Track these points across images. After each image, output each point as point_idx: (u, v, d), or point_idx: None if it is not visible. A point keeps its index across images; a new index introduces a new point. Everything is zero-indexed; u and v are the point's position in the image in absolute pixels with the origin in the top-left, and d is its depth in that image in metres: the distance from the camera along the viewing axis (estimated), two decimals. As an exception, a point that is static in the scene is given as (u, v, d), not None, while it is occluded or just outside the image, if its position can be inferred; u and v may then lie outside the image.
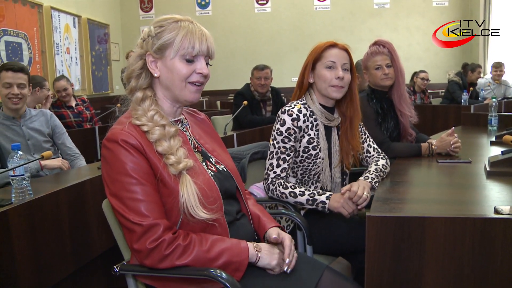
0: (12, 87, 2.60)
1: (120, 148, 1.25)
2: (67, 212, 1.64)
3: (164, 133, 1.32)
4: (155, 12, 8.77)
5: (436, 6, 8.74)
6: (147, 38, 1.36)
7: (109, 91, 8.18)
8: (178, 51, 1.32)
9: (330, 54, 1.91)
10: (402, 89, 2.60)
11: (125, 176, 1.24)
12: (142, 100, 1.35)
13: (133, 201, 1.23)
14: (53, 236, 1.58)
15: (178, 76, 1.34)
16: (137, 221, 1.22)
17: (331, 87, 1.91)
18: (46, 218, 1.55)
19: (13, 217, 1.39)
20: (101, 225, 1.81)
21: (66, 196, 1.62)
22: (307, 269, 1.46)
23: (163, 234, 1.23)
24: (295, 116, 1.90)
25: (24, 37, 5.88)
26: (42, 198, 1.53)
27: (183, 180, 1.30)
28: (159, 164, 1.29)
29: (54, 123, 2.87)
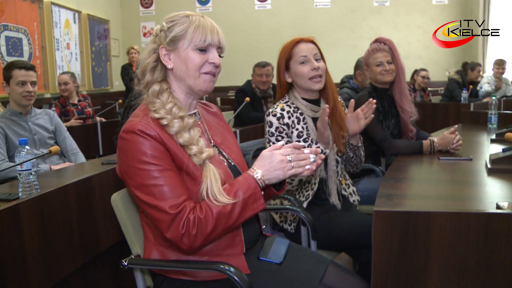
0: (26, 84, 2.68)
1: (138, 137, 1.26)
2: (75, 206, 1.66)
3: (183, 124, 1.33)
4: (155, 8, 8.76)
5: (436, 4, 8.74)
6: (159, 33, 1.38)
7: (109, 87, 8.19)
8: (191, 42, 1.34)
9: (299, 49, 1.99)
10: (403, 85, 2.63)
11: (145, 164, 1.25)
12: (160, 93, 1.36)
13: (157, 188, 1.25)
14: (62, 230, 1.60)
15: (192, 66, 1.35)
16: (165, 209, 1.23)
17: (310, 80, 1.98)
18: (55, 212, 1.57)
19: (23, 211, 1.41)
20: (108, 220, 1.84)
21: (74, 191, 1.64)
22: (311, 264, 1.48)
23: (188, 215, 1.25)
24: (279, 114, 1.98)
25: (24, 32, 5.89)
26: (52, 192, 1.54)
27: (207, 168, 1.32)
28: (184, 156, 1.30)
29: (57, 121, 2.97)
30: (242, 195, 1.29)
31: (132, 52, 6.49)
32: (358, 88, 3.52)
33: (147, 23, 8.80)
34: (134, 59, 6.47)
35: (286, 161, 1.33)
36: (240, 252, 1.38)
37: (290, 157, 1.33)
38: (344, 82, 3.66)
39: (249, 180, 1.32)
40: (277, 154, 1.34)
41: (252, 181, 1.32)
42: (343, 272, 1.53)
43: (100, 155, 4.12)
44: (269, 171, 1.34)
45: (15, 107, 2.74)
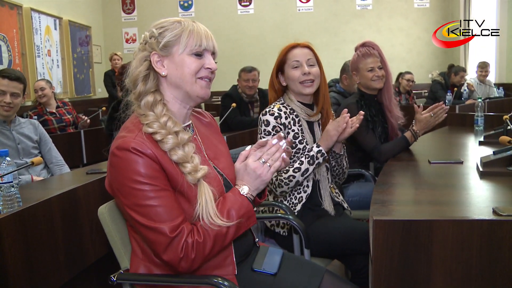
0: (5, 95, 2.59)
1: (132, 155, 1.19)
2: (60, 219, 1.58)
3: (177, 141, 1.26)
4: (137, 14, 8.68)
5: (418, 8, 8.85)
6: (149, 39, 1.32)
7: (91, 94, 8.07)
8: (186, 46, 1.28)
9: (293, 54, 2.01)
10: (391, 91, 2.63)
11: (140, 184, 1.19)
12: (154, 105, 1.29)
13: (153, 209, 1.19)
14: (46, 245, 1.52)
15: (188, 71, 1.29)
16: (163, 231, 1.18)
17: (301, 84, 2.00)
18: (38, 226, 1.49)
19: (5, 227, 1.32)
20: (95, 233, 1.76)
21: (58, 203, 1.55)
22: (307, 274, 1.45)
23: (186, 238, 1.20)
24: (277, 114, 1.97)
25: (3, 39, 5.76)
26: (35, 206, 1.46)
27: (201, 188, 1.26)
28: (178, 174, 1.24)
29: (41, 131, 2.89)
30: (236, 214, 1.26)
31: (115, 58, 6.40)
32: (345, 92, 3.50)
33: (129, 29, 8.71)
34: (117, 65, 6.38)
35: (260, 165, 1.30)
36: (231, 273, 1.33)
37: (263, 159, 1.31)
38: (331, 86, 3.64)
39: (240, 198, 1.29)
40: (249, 163, 1.31)
41: (243, 199, 1.29)
42: (339, 281, 1.49)
43: (84, 164, 4.03)
44: (251, 183, 1.32)
45: None
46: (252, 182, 1.31)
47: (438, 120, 2.41)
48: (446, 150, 2.79)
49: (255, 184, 1.31)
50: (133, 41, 8.67)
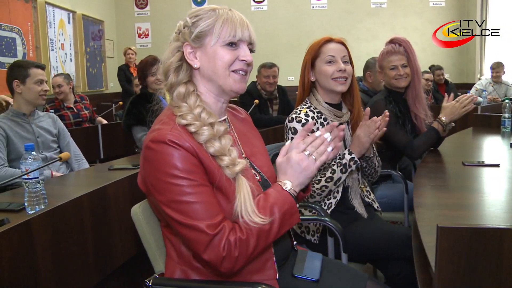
0: (44, 83, 2.64)
1: (169, 148, 1.12)
2: (90, 219, 1.51)
3: (213, 132, 1.19)
4: (150, 9, 8.61)
5: (433, 7, 8.72)
6: (182, 29, 1.25)
7: (104, 88, 8.03)
8: (219, 37, 1.21)
9: (328, 49, 1.91)
10: (418, 90, 2.54)
11: (177, 178, 1.12)
12: (186, 96, 1.23)
13: (191, 206, 1.12)
14: (76, 245, 1.45)
15: (221, 64, 1.22)
16: (202, 229, 1.11)
17: (334, 81, 1.90)
18: (68, 226, 1.42)
19: (36, 226, 1.25)
20: (124, 233, 1.69)
21: (89, 202, 1.48)
22: (350, 281, 1.38)
23: (228, 236, 1.12)
24: (304, 120, 1.87)
25: (18, 32, 5.72)
26: (66, 204, 1.39)
27: (239, 183, 1.19)
28: (216, 169, 1.17)
29: (60, 125, 2.87)
30: (278, 211, 1.18)
31: (129, 52, 6.34)
32: (369, 90, 3.42)
33: (142, 24, 8.64)
34: (131, 60, 6.33)
35: (305, 157, 1.21)
36: (272, 277, 1.25)
37: (308, 151, 1.22)
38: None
39: (283, 194, 1.21)
40: (293, 156, 1.22)
41: (286, 195, 1.21)
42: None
43: (101, 159, 3.97)
44: (295, 177, 1.23)
45: (22, 108, 2.62)
46: (296, 176, 1.22)
47: (465, 109, 2.33)
48: (475, 152, 2.72)
49: (299, 178, 1.22)
50: (146, 36, 8.61)
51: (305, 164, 1.21)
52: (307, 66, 1.96)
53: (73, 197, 1.41)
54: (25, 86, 2.59)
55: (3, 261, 1.10)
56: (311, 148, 1.23)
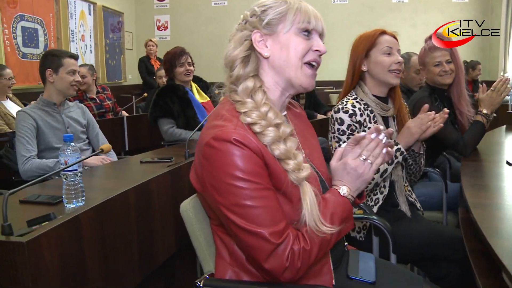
0: (76, 74, 2.60)
1: (233, 147, 1.05)
2: (135, 214, 1.45)
3: (279, 134, 1.12)
4: (169, 1, 8.56)
5: (456, 2, 8.56)
6: (249, 18, 1.19)
7: (122, 80, 8.02)
8: (293, 24, 1.15)
9: (385, 40, 1.87)
10: (462, 86, 2.46)
11: (241, 181, 1.05)
12: (253, 91, 1.16)
13: (255, 211, 1.05)
14: (122, 242, 1.40)
15: (294, 52, 1.16)
16: (266, 237, 1.04)
17: (390, 73, 1.85)
18: (115, 222, 1.37)
19: (85, 222, 1.19)
20: (166, 229, 1.63)
21: (134, 197, 1.42)
22: (406, 283, 1.32)
23: (292, 246, 1.06)
24: (351, 111, 1.82)
25: (40, 23, 5.72)
26: (113, 199, 1.32)
27: (305, 189, 1.12)
28: (282, 172, 1.11)
29: (89, 116, 2.83)
30: (338, 219, 1.13)
31: (150, 44, 6.31)
32: (401, 86, 3.33)
33: (161, 16, 8.60)
34: (152, 52, 6.30)
35: (361, 163, 1.17)
36: (329, 282, 1.19)
37: (363, 155, 1.17)
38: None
39: (342, 200, 1.16)
40: (349, 162, 1.18)
41: (345, 201, 1.17)
42: (437, 292, 1.37)
43: (126, 151, 3.93)
44: (352, 183, 1.18)
45: (53, 97, 2.59)
46: (353, 182, 1.18)
47: (503, 95, 2.26)
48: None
49: (356, 184, 1.18)
50: (165, 28, 8.57)
51: (362, 170, 1.17)
52: (360, 55, 1.88)
53: (118, 191, 1.35)
54: (57, 75, 2.56)
55: (54, 259, 1.05)
56: (366, 152, 1.18)
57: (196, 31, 8.37)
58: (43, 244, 1.02)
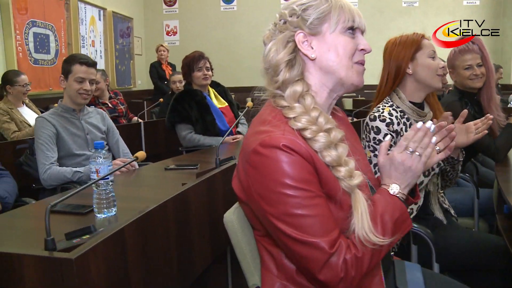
0: (85, 82, 2.48)
1: (283, 154, 1.00)
2: (174, 226, 1.39)
3: (330, 139, 1.06)
4: (178, 7, 8.55)
5: (467, 5, 8.51)
6: (289, 18, 1.12)
7: (132, 85, 8.00)
8: (338, 23, 1.10)
9: (429, 44, 1.83)
10: (493, 90, 2.41)
11: (292, 189, 0.99)
12: (301, 96, 1.10)
13: (307, 220, 1.00)
14: (162, 255, 1.34)
15: (343, 53, 1.10)
16: (320, 246, 0.99)
17: (437, 77, 1.80)
18: (156, 234, 1.31)
19: (129, 234, 1.13)
20: (202, 240, 1.57)
21: (173, 207, 1.36)
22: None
23: (345, 255, 1.01)
24: (388, 120, 1.76)
25: (51, 29, 5.71)
26: (154, 210, 1.26)
27: (357, 198, 1.06)
28: (334, 179, 1.05)
29: (109, 122, 2.75)
30: (390, 220, 1.07)
31: (161, 49, 6.28)
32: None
33: (170, 22, 8.59)
34: (163, 57, 6.27)
35: (408, 156, 1.10)
36: None
37: (410, 148, 1.11)
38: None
39: (391, 199, 1.10)
40: (395, 156, 1.11)
41: (394, 200, 1.10)
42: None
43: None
44: (401, 179, 1.12)
45: (69, 103, 2.53)
46: (402, 177, 1.11)
47: None
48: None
49: (405, 179, 1.11)
50: (174, 33, 8.55)
51: (410, 163, 1.11)
52: (406, 58, 1.81)
53: (157, 201, 1.29)
54: (67, 82, 2.49)
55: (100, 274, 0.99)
56: (413, 143, 1.11)
57: (205, 36, 8.35)
58: (91, 259, 0.96)
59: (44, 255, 0.95)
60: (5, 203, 1.83)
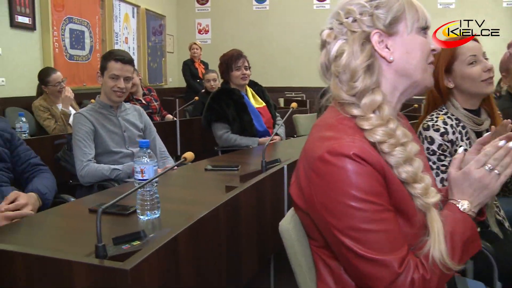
0: (119, 79, 2.42)
1: (353, 163, 0.92)
2: (225, 232, 1.31)
3: (408, 154, 0.98)
4: (211, 5, 8.53)
5: (507, 7, 8.24)
6: (358, 16, 1.02)
7: (163, 83, 8.02)
8: (414, 22, 1.02)
9: (466, 48, 1.70)
10: None
11: (361, 202, 0.91)
12: (379, 106, 1.00)
13: (375, 235, 0.92)
14: (212, 263, 1.26)
15: (422, 55, 1.03)
16: (389, 265, 0.91)
17: (483, 83, 1.69)
18: (207, 240, 1.23)
19: (182, 241, 1.05)
20: (250, 248, 1.49)
21: (224, 212, 1.28)
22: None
23: (413, 275, 0.92)
24: (443, 129, 1.66)
25: (87, 25, 5.75)
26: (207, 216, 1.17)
27: (432, 217, 0.97)
28: (407, 197, 0.97)
29: (146, 119, 2.69)
30: (460, 240, 0.97)
31: (194, 47, 6.24)
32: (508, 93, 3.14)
33: (202, 20, 8.57)
34: (196, 55, 6.23)
35: (487, 173, 1.00)
36: None
37: (489, 165, 1.01)
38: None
39: (462, 217, 1.00)
40: (473, 171, 1.01)
41: (465, 218, 1.00)
42: None
43: (178, 156, 3.84)
44: (476, 196, 1.02)
45: (105, 100, 2.49)
46: (477, 195, 1.02)
47: None
48: None
49: (479, 198, 1.02)
50: (206, 32, 8.53)
51: (487, 181, 1.01)
52: (440, 73, 1.72)
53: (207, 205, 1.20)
54: (103, 78, 2.46)
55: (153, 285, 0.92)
56: (493, 161, 1.01)
57: (236, 35, 8.30)
58: (145, 270, 0.89)
59: (96, 263, 0.88)
60: (45, 199, 1.79)
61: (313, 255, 1.11)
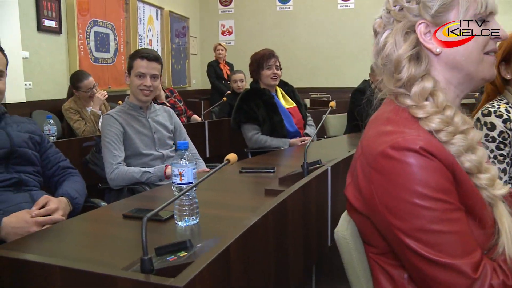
0: (145, 77, 2.35)
1: (422, 159, 0.83)
2: (273, 240, 1.21)
3: (469, 142, 0.90)
4: (234, 6, 8.46)
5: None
6: (405, 4, 0.94)
7: (187, 85, 7.97)
8: (468, 10, 0.92)
9: None
10: None
11: (429, 200, 0.82)
12: (432, 93, 0.93)
13: (445, 237, 0.82)
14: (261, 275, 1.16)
15: (474, 45, 0.93)
16: (462, 270, 0.81)
17: None
18: (256, 249, 1.13)
19: (233, 251, 0.96)
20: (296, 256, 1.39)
21: (273, 219, 1.18)
22: None
23: (491, 281, 0.82)
24: (506, 116, 1.58)
25: (111, 28, 5.73)
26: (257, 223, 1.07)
27: (501, 210, 0.89)
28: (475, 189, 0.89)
29: (176, 120, 2.61)
30: None
31: (219, 48, 6.17)
32: None
33: (226, 21, 8.51)
34: (221, 56, 6.16)
35: None
36: None
37: None
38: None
39: None
40: None
41: None
42: None
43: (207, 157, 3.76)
44: None
45: (135, 101, 2.42)
46: None
47: None
48: None
49: None
50: (229, 33, 8.47)
51: None
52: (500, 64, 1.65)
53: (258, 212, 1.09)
54: (130, 77, 2.39)
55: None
56: None
57: (260, 36, 8.21)
58: (197, 284, 0.79)
59: (142, 279, 0.78)
60: (75, 204, 1.72)
61: (371, 264, 1.02)
